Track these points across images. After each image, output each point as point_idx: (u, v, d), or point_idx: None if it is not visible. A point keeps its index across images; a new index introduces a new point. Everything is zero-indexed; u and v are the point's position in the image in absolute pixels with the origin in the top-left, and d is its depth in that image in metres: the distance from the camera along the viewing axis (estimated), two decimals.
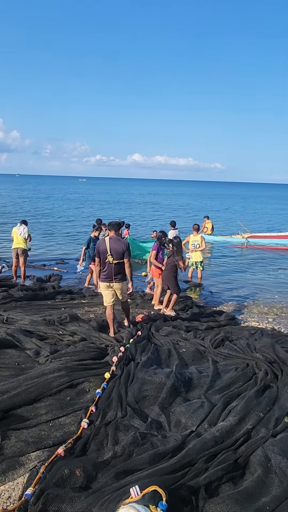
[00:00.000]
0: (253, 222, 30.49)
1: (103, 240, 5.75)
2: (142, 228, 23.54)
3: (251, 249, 17.75)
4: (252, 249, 17.78)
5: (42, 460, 2.90)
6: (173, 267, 7.33)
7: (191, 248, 10.74)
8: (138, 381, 4.13)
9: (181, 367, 4.66)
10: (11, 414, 3.46)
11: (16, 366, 4.49)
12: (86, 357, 4.73)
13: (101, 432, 3.25)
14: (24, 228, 10.04)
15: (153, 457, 2.90)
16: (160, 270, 7.84)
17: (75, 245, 17.62)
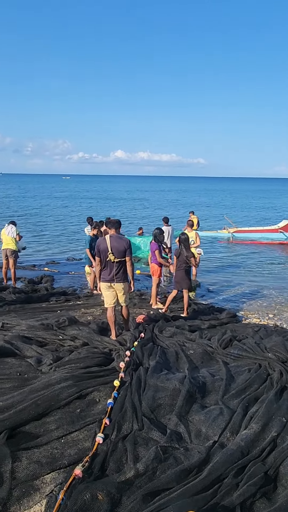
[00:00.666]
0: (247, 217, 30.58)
1: (104, 238, 5.48)
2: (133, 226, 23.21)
3: (244, 244, 17.73)
4: (238, 244, 17.77)
5: (59, 483, 2.65)
6: (185, 265, 7.08)
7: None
8: (150, 388, 3.90)
9: (192, 371, 4.46)
10: (19, 432, 3.19)
11: (18, 377, 4.21)
12: (92, 364, 4.49)
13: (118, 448, 3.01)
14: (12, 227, 9.67)
15: (179, 474, 2.68)
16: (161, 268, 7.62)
17: (65, 244, 17.26)
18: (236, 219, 26.36)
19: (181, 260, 7.07)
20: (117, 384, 3.98)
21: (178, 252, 7.12)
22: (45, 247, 16.34)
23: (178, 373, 4.41)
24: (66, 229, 21.95)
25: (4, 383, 4.02)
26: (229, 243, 17.72)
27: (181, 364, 4.79)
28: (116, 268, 5.43)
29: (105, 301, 5.73)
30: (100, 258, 5.49)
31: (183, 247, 7.04)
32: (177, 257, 7.14)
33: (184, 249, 7.01)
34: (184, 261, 7.04)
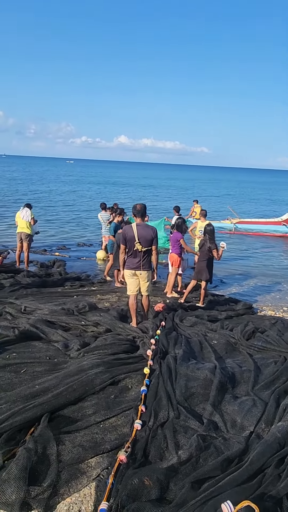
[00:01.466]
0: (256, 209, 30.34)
1: (130, 226, 5.44)
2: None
3: (246, 235, 17.68)
4: (240, 235, 17.71)
5: (105, 467, 2.69)
6: (207, 256, 7.03)
7: (198, 234, 10.51)
8: (181, 377, 3.93)
9: (219, 361, 4.48)
10: (57, 416, 3.22)
11: (48, 361, 4.24)
12: (119, 351, 4.51)
13: (158, 435, 3.05)
14: (27, 211, 9.61)
15: (222, 463, 2.72)
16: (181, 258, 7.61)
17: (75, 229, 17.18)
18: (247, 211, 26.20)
19: (204, 251, 7.02)
20: (147, 371, 4.00)
21: (202, 242, 7.07)
22: (55, 231, 16.29)
23: (205, 363, 4.44)
24: (76, 214, 21.77)
25: (36, 367, 4.05)
26: (231, 234, 17.65)
27: (206, 354, 4.82)
28: (142, 257, 5.41)
29: (128, 289, 5.73)
30: (126, 246, 5.46)
31: (207, 238, 6.98)
32: (200, 248, 7.10)
33: (208, 240, 6.95)
34: (206, 252, 7.00)
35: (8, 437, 2.85)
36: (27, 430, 2.99)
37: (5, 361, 4.09)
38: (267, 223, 19.57)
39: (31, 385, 3.55)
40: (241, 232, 18.10)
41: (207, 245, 6.94)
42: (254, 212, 28.20)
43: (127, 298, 7.43)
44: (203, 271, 7.06)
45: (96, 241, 14.28)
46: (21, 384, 3.63)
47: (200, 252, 7.13)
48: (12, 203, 23.57)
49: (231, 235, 17.53)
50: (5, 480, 2.40)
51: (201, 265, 7.09)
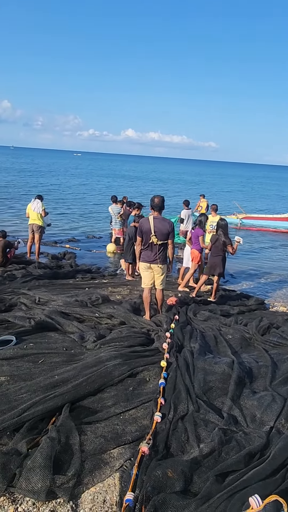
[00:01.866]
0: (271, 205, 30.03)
1: (147, 219, 5.41)
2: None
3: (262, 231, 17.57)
4: (245, 230, 17.57)
5: (128, 458, 2.69)
6: (221, 251, 6.97)
7: (208, 229, 10.44)
8: (199, 371, 3.92)
9: (235, 356, 4.47)
10: (78, 406, 3.23)
11: (65, 352, 4.25)
12: (135, 343, 4.51)
13: (178, 427, 3.05)
14: (38, 203, 9.61)
15: (244, 457, 2.72)
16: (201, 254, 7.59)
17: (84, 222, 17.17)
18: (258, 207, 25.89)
19: (218, 246, 6.95)
20: (164, 364, 4.00)
21: (216, 237, 6.99)
22: (65, 224, 16.29)
23: (220, 357, 4.44)
24: (86, 207, 21.73)
25: (54, 357, 4.06)
26: (237, 229, 17.47)
27: (221, 349, 4.81)
28: (158, 250, 5.38)
29: (143, 281, 5.72)
30: (142, 238, 5.44)
31: (221, 233, 6.90)
32: (213, 243, 7.02)
33: (223, 235, 6.88)
34: (221, 247, 6.94)
35: (30, 426, 2.86)
36: (49, 420, 3.00)
37: (23, 351, 4.10)
38: (273, 219, 19.43)
39: (50, 376, 3.56)
40: (247, 228, 17.99)
41: (222, 240, 6.87)
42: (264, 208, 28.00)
43: (138, 291, 7.45)
44: (217, 266, 7.02)
45: (106, 234, 14.27)
46: (40, 374, 3.64)
47: (213, 247, 7.06)
48: (22, 195, 23.57)
49: (237, 231, 17.42)
50: (30, 468, 2.41)
51: (215, 260, 7.04)
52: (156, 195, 5.47)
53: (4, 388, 3.36)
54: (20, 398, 3.17)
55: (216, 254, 7.01)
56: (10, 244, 8.73)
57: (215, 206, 11.21)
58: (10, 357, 3.96)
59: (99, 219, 17.97)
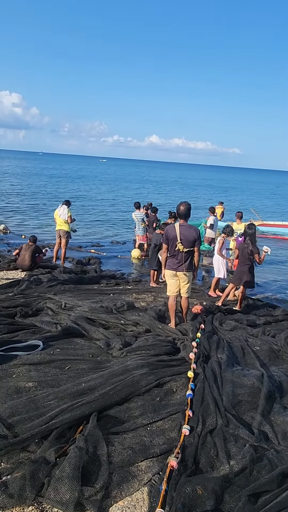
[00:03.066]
0: None
1: (173, 226, 5.36)
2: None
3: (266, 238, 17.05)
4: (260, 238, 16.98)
5: (156, 472, 2.64)
6: (248, 261, 6.82)
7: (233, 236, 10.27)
8: (227, 383, 3.83)
9: (264, 369, 4.34)
10: (105, 415, 3.21)
11: (91, 359, 4.24)
12: (161, 352, 4.46)
13: (207, 442, 2.97)
14: (64, 209, 9.73)
15: (277, 477, 2.61)
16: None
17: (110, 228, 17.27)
18: None
19: (245, 255, 6.80)
20: (191, 375, 3.93)
21: (243, 246, 6.83)
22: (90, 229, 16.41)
23: (248, 369, 4.32)
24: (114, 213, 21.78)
25: (80, 364, 4.06)
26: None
27: (248, 360, 4.69)
28: (184, 258, 5.32)
29: (168, 289, 5.66)
30: (168, 246, 5.39)
31: (249, 241, 6.73)
32: (241, 251, 6.87)
33: (250, 244, 6.70)
34: (248, 256, 6.78)
35: (58, 434, 2.86)
36: (76, 428, 2.99)
37: (50, 356, 4.12)
38: (275, 226, 18.84)
39: (77, 383, 3.56)
40: (262, 235, 17.28)
41: (249, 249, 6.70)
42: None
43: (162, 298, 7.39)
44: (244, 275, 6.87)
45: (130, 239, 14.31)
46: (67, 381, 3.64)
47: (241, 256, 6.91)
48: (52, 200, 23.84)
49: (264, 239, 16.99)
50: (59, 478, 2.39)
51: (242, 269, 6.89)
52: (182, 202, 5.41)
53: (32, 394, 3.37)
54: (48, 405, 3.18)
55: (244, 263, 6.85)
56: (39, 249, 8.95)
57: (241, 213, 11.03)
58: (38, 362, 3.99)
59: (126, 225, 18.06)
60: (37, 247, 8.86)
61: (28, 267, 8.60)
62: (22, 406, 3.13)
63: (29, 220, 17.30)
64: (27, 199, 24.35)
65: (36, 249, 8.81)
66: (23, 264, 8.65)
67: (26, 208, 20.68)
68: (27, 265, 8.62)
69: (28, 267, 8.60)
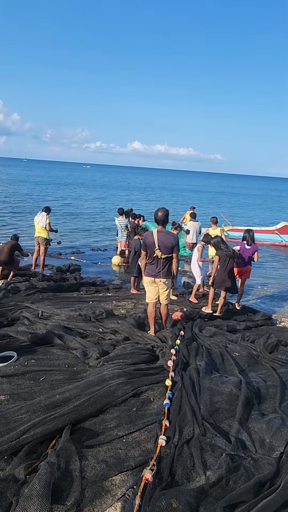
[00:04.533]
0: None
1: (151, 233, 5.33)
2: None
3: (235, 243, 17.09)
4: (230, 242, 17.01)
5: (130, 486, 2.56)
6: (227, 265, 6.93)
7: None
8: (205, 391, 3.79)
9: (242, 375, 4.32)
10: (79, 428, 3.11)
11: (67, 369, 4.13)
12: (139, 361, 4.39)
13: (183, 452, 2.91)
14: (43, 216, 9.59)
15: (253, 486, 2.57)
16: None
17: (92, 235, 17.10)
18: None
19: (225, 260, 6.88)
20: (169, 383, 3.87)
21: (221, 252, 6.92)
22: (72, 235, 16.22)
23: (227, 375, 4.29)
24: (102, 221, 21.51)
25: (55, 375, 3.95)
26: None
27: (228, 367, 4.67)
28: (162, 264, 5.28)
29: (147, 296, 5.61)
30: (146, 252, 5.35)
31: (225, 247, 6.85)
32: (220, 257, 6.94)
33: (226, 249, 6.82)
34: (227, 260, 6.86)
35: (29, 449, 2.75)
36: (48, 443, 2.88)
37: (24, 367, 4.00)
38: (261, 232, 19.00)
39: (51, 395, 3.45)
40: (231, 240, 17.25)
41: (227, 254, 6.80)
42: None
43: (143, 305, 7.32)
44: (224, 280, 6.92)
45: (111, 246, 14.21)
46: (41, 393, 3.53)
47: (220, 261, 6.97)
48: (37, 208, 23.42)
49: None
50: (28, 497, 2.29)
51: (222, 274, 6.95)
52: (159, 208, 5.39)
53: (4, 408, 3.25)
54: (20, 419, 3.06)
55: (223, 268, 6.91)
56: (19, 247, 8.75)
57: (215, 218, 11.06)
58: (11, 374, 3.86)
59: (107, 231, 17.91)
60: (17, 245, 8.69)
61: (3, 261, 8.39)
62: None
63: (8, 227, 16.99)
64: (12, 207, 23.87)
65: (16, 246, 8.64)
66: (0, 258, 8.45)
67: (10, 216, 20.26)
68: (3, 258, 8.39)
69: (4, 260, 8.39)
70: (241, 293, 8.03)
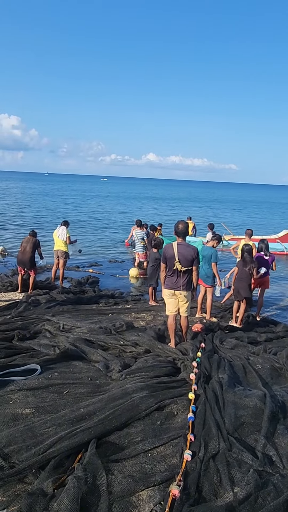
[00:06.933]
0: None
1: (171, 245, 5.35)
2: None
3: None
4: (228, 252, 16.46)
5: (157, 502, 2.54)
6: (249, 276, 6.92)
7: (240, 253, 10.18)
8: (229, 404, 3.75)
9: (266, 388, 4.26)
10: (104, 442, 3.12)
11: (90, 382, 4.16)
12: (161, 373, 4.38)
13: (210, 467, 2.88)
14: (63, 230, 9.74)
15: (283, 503, 2.52)
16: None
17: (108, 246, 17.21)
18: None
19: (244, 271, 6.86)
20: (192, 397, 3.85)
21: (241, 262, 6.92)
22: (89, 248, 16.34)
23: (251, 388, 4.24)
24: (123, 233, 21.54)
25: (79, 388, 3.98)
26: (222, 251, 15.75)
27: (250, 379, 4.61)
28: (182, 277, 5.29)
29: (167, 309, 5.61)
30: (166, 265, 5.37)
31: (247, 257, 6.84)
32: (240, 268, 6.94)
33: (249, 260, 6.81)
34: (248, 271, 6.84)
35: (56, 463, 2.77)
36: (75, 457, 2.90)
37: (48, 381, 4.04)
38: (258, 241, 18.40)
39: (76, 408, 3.48)
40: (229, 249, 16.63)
41: (248, 265, 6.79)
42: None
43: (162, 317, 7.32)
44: (243, 291, 6.88)
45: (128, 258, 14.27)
46: (65, 406, 3.56)
47: (239, 271, 6.96)
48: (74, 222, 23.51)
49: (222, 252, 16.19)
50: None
51: (240, 285, 6.91)
52: (180, 221, 5.43)
53: (30, 421, 3.29)
54: (46, 432, 3.09)
55: (242, 278, 6.88)
56: (39, 244, 8.89)
57: (250, 231, 10.87)
58: (35, 387, 3.91)
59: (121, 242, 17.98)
60: (38, 241, 8.86)
61: (28, 260, 8.53)
62: (19, 435, 3.05)
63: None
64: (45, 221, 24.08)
65: (37, 243, 8.81)
66: (24, 257, 8.57)
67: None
68: (27, 257, 8.53)
69: (29, 260, 8.54)
70: (261, 304, 7.95)
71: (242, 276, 6.90)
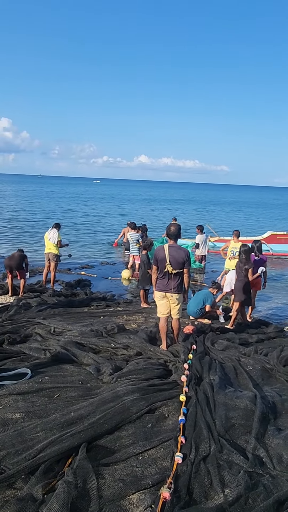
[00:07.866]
0: None
1: (162, 247, 5.36)
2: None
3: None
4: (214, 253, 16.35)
5: (148, 505, 2.54)
6: (246, 277, 6.96)
7: (229, 255, 10.27)
8: (220, 406, 3.76)
9: (257, 389, 4.28)
10: (94, 446, 3.10)
11: (81, 386, 4.14)
12: (153, 376, 4.38)
13: (200, 469, 2.88)
14: (54, 232, 9.70)
15: (273, 504, 2.53)
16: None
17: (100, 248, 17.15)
18: None
19: (240, 272, 6.95)
20: (183, 399, 3.85)
21: (238, 263, 7.01)
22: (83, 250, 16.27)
23: (241, 390, 4.25)
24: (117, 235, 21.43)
25: (70, 392, 3.96)
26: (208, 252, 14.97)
27: (241, 381, 4.63)
28: (173, 279, 5.30)
29: (158, 311, 5.61)
30: (157, 267, 5.38)
31: (243, 258, 6.91)
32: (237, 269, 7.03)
33: (244, 261, 6.88)
34: (243, 273, 6.90)
35: (46, 468, 2.75)
36: (65, 461, 2.88)
37: (39, 385, 4.02)
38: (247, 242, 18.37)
39: (66, 412, 3.46)
40: (216, 251, 16.43)
41: (243, 266, 6.86)
42: None
43: (154, 319, 7.32)
44: (239, 292, 6.95)
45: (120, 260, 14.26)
46: (56, 410, 3.54)
47: (236, 273, 7.06)
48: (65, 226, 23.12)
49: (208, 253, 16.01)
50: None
51: (237, 286, 6.99)
52: (172, 223, 5.45)
53: (19, 426, 3.26)
54: (36, 437, 3.07)
55: (240, 279, 6.96)
56: (25, 258, 8.87)
57: (238, 232, 11.00)
58: (25, 391, 3.88)
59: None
60: (23, 255, 8.84)
61: (15, 264, 8.53)
62: (9, 440, 3.02)
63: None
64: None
65: (23, 256, 8.81)
66: (10, 262, 8.59)
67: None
68: (14, 262, 8.54)
69: (16, 264, 8.54)
70: (252, 305, 8.00)
71: (239, 277, 6.98)
